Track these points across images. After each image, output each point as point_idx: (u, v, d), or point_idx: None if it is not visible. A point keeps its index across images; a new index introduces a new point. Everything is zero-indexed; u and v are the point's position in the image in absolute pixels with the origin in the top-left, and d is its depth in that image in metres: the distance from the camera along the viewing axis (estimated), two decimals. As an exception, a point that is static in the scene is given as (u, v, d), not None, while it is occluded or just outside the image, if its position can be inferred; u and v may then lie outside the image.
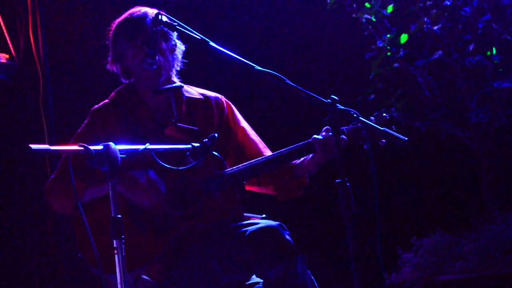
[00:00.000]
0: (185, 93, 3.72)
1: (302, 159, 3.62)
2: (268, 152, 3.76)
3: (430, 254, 5.57)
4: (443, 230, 5.77)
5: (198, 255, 3.46)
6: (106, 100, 3.70)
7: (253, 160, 3.55)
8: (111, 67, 3.68)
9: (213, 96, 3.79)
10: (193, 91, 3.77)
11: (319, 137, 3.48)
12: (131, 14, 3.62)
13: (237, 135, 3.77)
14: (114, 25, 3.66)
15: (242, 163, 3.67)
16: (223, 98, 3.81)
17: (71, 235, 5.34)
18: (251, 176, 3.55)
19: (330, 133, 3.42)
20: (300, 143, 3.54)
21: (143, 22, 3.56)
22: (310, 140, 3.51)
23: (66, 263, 5.53)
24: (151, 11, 3.60)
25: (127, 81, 3.70)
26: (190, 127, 3.63)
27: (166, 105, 3.65)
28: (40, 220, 5.61)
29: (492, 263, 5.35)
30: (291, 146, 3.55)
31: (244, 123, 3.82)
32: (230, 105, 3.81)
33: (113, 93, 3.72)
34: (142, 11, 3.62)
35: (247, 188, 3.77)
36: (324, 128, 3.49)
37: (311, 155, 3.56)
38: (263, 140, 3.84)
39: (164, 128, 3.61)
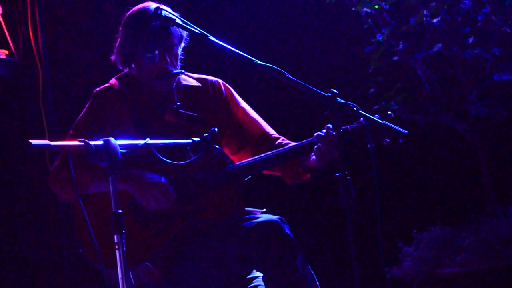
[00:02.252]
0: (182, 81, 3.72)
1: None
2: (271, 131, 3.76)
3: (430, 248, 5.57)
4: (444, 223, 5.77)
5: (199, 250, 3.46)
6: (107, 84, 3.70)
7: (255, 157, 3.54)
8: (115, 56, 3.67)
9: (210, 79, 3.79)
10: (191, 79, 3.76)
11: (321, 133, 3.46)
12: (145, 9, 3.60)
13: (237, 115, 3.76)
14: (131, 18, 3.64)
15: (246, 144, 3.70)
16: (221, 81, 3.80)
17: (72, 230, 5.34)
18: (253, 173, 3.54)
19: (332, 132, 3.40)
20: (303, 141, 3.52)
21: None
22: (313, 138, 3.48)
23: (67, 259, 5.53)
24: (162, 7, 3.60)
25: (126, 70, 3.70)
26: (189, 113, 3.63)
27: (166, 92, 3.65)
28: (41, 216, 5.61)
29: (492, 256, 5.35)
30: (294, 144, 3.53)
31: (244, 104, 3.80)
32: (228, 88, 3.80)
33: (113, 79, 3.72)
34: (152, 7, 3.61)
35: None
36: (326, 126, 3.46)
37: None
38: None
39: (164, 114, 3.61)
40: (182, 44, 3.65)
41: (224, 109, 3.75)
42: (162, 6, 3.57)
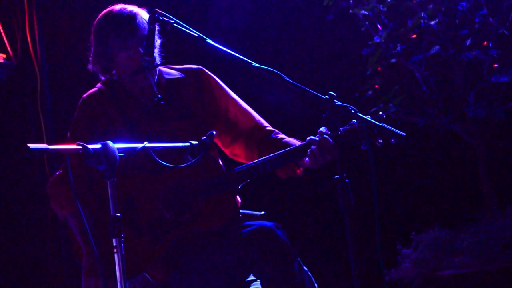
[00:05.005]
0: (165, 75, 3.69)
1: None
2: (264, 122, 3.74)
3: (429, 250, 5.57)
4: (442, 225, 5.77)
5: (196, 259, 3.44)
6: (94, 89, 3.70)
7: (249, 163, 3.51)
8: (93, 65, 3.67)
9: (194, 68, 3.76)
10: (174, 71, 3.73)
11: (315, 138, 3.44)
12: (120, 13, 3.59)
13: (228, 107, 3.73)
14: (99, 24, 3.64)
15: (239, 137, 3.68)
16: (205, 70, 3.76)
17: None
18: (247, 179, 3.52)
19: (325, 136, 3.39)
20: (296, 145, 3.51)
21: (135, 22, 3.55)
22: (306, 141, 3.46)
23: (65, 264, 5.53)
24: (137, 9, 3.60)
25: (107, 78, 3.69)
26: (174, 105, 3.62)
27: (146, 86, 3.61)
28: (39, 219, 5.60)
29: (491, 257, 5.35)
30: (287, 148, 3.51)
31: (233, 95, 3.76)
32: (212, 76, 3.75)
33: (99, 84, 3.72)
34: (129, 9, 3.59)
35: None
36: (319, 131, 3.46)
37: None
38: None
39: (146, 109, 3.60)
40: (156, 38, 3.59)
41: (210, 97, 3.70)
42: (132, 8, 3.59)
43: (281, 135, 3.70)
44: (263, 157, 3.50)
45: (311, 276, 3.47)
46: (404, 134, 3.13)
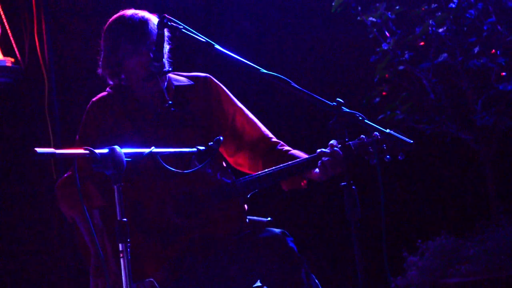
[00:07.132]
0: (174, 82, 3.69)
1: None
2: (269, 134, 3.74)
3: (435, 257, 5.56)
4: (449, 233, 5.76)
5: (203, 266, 3.44)
6: (104, 93, 3.70)
7: (260, 172, 3.52)
8: (102, 69, 3.67)
9: (202, 76, 3.75)
10: (182, 78, 3.72)
11: (326, 150, 3.44)
12: (132, 19, 3.59)
13: (235, 116, 3.72)
14: (110, 28, 3.63)
15: (244, 147, 3.68)
16: (212, 78, 3.75)
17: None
18: (257, 188, 3.51)
19: (336, 148, 3.39)
20: (307, 157, 3.51)
21: (147, 28, 3.55)
22: (317, 153, 3.47)
23: (73, 264, 5.53)
24: (148, 15, 3.59)
25: (116, 82, 3.69)
26: (183, 112, 3.61)
27: (157, 92, 3.62)
28: (46, 223, 5.61)
29: (498, 266, 5.34)
30: (299, 159, 3.52)
31: (240, 104, 3.76)
32: (219, 85, 3.74)
33: (107, 88, 3.71)
34: (140, 14, 3.59)
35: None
36: (330, 142, 3.46)
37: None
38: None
39: (157, 114, 3.60)
40: (166, 44, 3.56)
41: (218, 106, 3.70)
42: (144, 13, 3.59)
43: (287, 147, 3.70)
44: (274, 167, 3.50)
45: (318, 283, 3.46)
46: (412, 141, 3.13)
